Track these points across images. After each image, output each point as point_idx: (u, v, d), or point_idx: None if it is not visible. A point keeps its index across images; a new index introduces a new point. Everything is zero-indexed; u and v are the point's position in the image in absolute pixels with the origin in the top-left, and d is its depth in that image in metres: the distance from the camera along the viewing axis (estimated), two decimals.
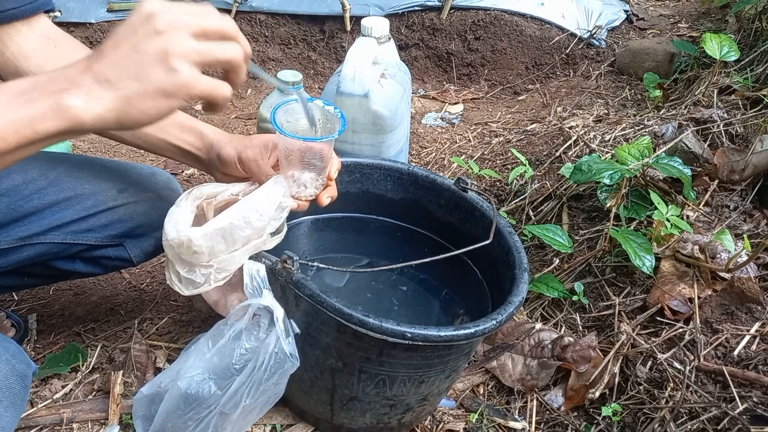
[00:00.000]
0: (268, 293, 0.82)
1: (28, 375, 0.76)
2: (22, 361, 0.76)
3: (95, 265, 1.04)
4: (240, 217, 0.80)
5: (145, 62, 0.58)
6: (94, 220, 0.98)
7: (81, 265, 1.03)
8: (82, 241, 0.99)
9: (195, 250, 0.79)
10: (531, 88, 2.25)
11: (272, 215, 0.82)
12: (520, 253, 0.93)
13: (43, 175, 0.96)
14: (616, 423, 0.99)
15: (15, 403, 0.74)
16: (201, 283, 0.82)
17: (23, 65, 0.87)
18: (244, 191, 0.87)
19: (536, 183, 1.53)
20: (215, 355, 0.85)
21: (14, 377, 0.74)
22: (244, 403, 0.83)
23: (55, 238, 0.96)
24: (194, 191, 0.85)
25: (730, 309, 1.05)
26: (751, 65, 1.67)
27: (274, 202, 0.82)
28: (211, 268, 0.82)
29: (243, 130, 2.03)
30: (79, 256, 1.01)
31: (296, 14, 2.41)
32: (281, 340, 0.81)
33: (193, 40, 0.60)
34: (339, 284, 1.08)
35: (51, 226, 0.96)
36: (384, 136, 1.42)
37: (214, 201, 0.88)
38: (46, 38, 0.89)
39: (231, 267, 0.83)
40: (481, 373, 1.13)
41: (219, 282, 0.84)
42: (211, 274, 0.82)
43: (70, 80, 0.58)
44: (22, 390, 0.75)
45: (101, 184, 0.99)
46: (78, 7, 2.67)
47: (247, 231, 0.81)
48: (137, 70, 0.58)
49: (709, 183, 1.30)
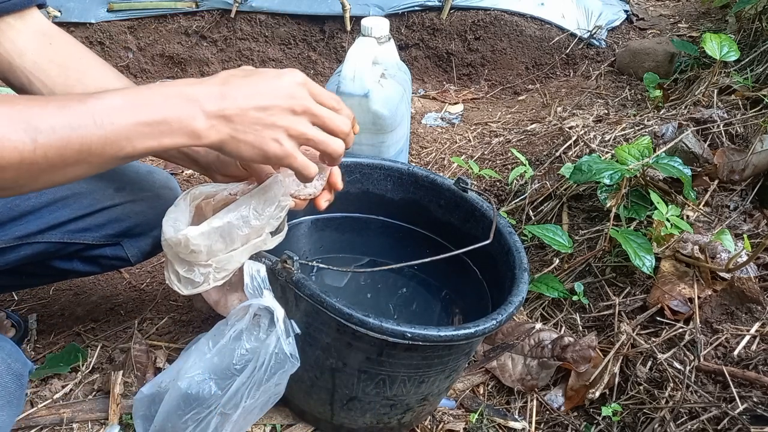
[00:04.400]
0: (268, 293, 0.82)
1: (24, 374, 0.76)
2: (17, 360, 0.76)
3: (93, 265, 1.04)
4: (238, 216, 0.81)
5: (268, 129, 0.69)
6: (91, 219, 0.98)
7: (79, 265, 1.03)
8: (80, 240, 0.99)
9: (193, 249, 0.79)
10: (531, 88, 2.25)
11: (271, 214, 0.82)
12: (520, 253, 0.93)
13: None
14: (616, 423, 0.99)
15: (11, 402, 0.74)
16: (200, 283, 0.82)
17: (17, 62, 0.85)
18: (243, 190, 0.87)
19: (536, 183, 1.53)
20: (216, 356, 0.85)
21: (9, 376, 0.74)
22: (244, 403, 0.83)
23: (53, 237, 0.96)
24: (192, 191, 0.86)
25: (730, 309, 1.05)
26: (751, 65, 1.67)
27: (273, 201, 0.82)
28: (210, 268, 0.82)
29: None
30: (76, 256, 1.01)
31: (296, 14, 2.41)
32: (282, 340, 0.81)
33: (313, 128, 0.72)
34: (339, 284, 1.08)
35: (48, 225, 0.95)
36: (384, 136, 1.42)
37: (212, 201, 0.88)
38: (41, 34, 0.87)
39: (230, 266, 0.83)
40: (481, 373, 1.13)
41: (218, 281, 0.84)
42: (210, 273, 0.82)
43: (200, 107, 0.66)
44: (18, 389, 0.75)
45: (98, 183, 0.99)
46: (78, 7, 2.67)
47: (246, 230, 0.81)
48: (259, 131, 0.69)
49: (709, 183, 1.30)
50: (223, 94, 0.67)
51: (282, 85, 0.70)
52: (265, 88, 0.69)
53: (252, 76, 0.70)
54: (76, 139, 0.62)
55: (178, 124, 0.65)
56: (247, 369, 0.82)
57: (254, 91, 0.69)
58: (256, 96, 0.69)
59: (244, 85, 0.69)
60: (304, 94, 0.71)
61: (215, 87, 0.68)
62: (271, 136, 0.69)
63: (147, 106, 0.65)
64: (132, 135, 0.64)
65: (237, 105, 0.68)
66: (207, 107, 0.66)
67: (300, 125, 0.70)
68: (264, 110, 0.69)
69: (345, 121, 0.74)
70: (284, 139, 0.70)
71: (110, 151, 0.64)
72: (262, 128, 0.69)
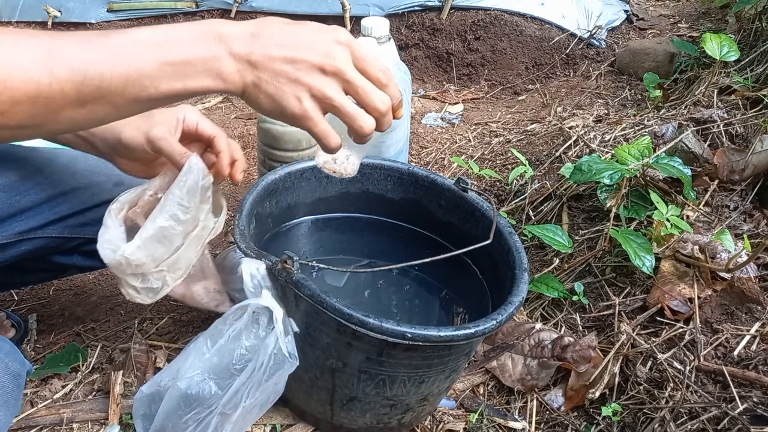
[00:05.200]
0: (267, 293, 0.82)
1: (22, 374, 0.76)
2: (15, 359, 0.75)
3: (94, 259, 1.03)
4: (166, 217, 0.79)
5: (291, 83, 0.63)
6: (91, 214, 0.98)
7: (80, 259, 1.03)
8: (80, 235, 0.99)
9: (136, 263, 0.79)
10: (531, 88, 2.25)
11: (198, 202, 0.80)
12: (520, 253, 0.93)
13: (39, 171, 0.95)
14: (616, 423, 0.99)
15: (8, 402, 0.73)
16: (159, 288, 0.82)
17: None
18: (160, 186, 0.85)
19: (536, 183, 1.53)
20: (215, 355, 0.84)
21: (7, 376, 0.73)
22: (244, 403, 0.83)
23: (53, 232, 0.96)
24: (112, 206, 0.84)
25: (730, 309, 1.05)
26: (751, 65, 1.67)
27: (195, 189, 0.79)
28: (164, 272, 0.81)
29: (243, 131, 2.03)
30: (77, 250, 1.01)
31: (296, 14, 2.41)
32: (280, 340, 0.81)
33: (341, 94, 0.65)
34: (339, 284, 1.08)
35: (49, 221, 0.95)
36: (384, 136, 1.42)
37: (137, 208, 0.86)
38: None
39: (182, 264, 0.82)
40: (481, 373, 1.13)
41: (177, 280, 0.83)
42: (165, 276, 0.81)
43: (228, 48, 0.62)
44: (16, 389, 0.74)
45: (97, 178, 0.99)
46: (78, 7, 2.67)
47: (179, 227, 0.79)
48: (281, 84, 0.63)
49: (709, 183, 1.30)
50: (254, 36, 0.63)
51: (320, 39, 0.64)
52: (301, 39, 0.64)
53: (292, 25, 0.65)
54: (95, 74, 0.58)
55: (203, 65, 0.61)
56: (246, 369, 0.82)
57: (288, 40, 0.64)
58: (288, 46, 0.63)
59: (278, 33, 0.64)
60: (343, 55, 0.64)
61: (248, 27, 0.63)
62: (294, 93, 0.63)
63: (172, 44, 0.61)
64: (155, 74, 0.60)
65: (265, 52, 0.63)
66: (235, 49, 0.62)
67: (326, 87, 0.64)
68: (292, 63, 0.63)
69: (383, 99, 0.67)
70: (306, 98, 0.64)
71: (132, 90, 0.60)
72: (285, 82, 0.63)
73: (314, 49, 0.63)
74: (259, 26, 0.64)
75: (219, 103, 2.23)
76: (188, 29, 0.62)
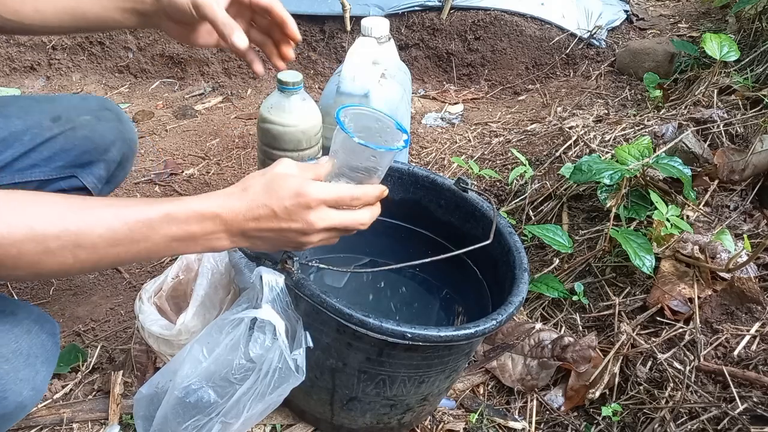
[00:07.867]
0: (267, 306, 0.81)
1: (57, 332, 0.79)
2: (47, 320, 0.78)
3: None
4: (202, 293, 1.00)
5: (285, 244, 0.76)
6: (36, 155, 0.96)
7: None
8: (31, 178, 0.97)
9: (192, 330, 0.97)
10: (531, 88, 2.25)
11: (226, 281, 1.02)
12: (520, 253, 0.93)
13: None
14: (616, 423, 0.99)
15: (49, 359, 0.76)
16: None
17: None
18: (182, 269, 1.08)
19: (536, 183, 1.53)
20: (212, 364, 0.84)
21: (45, 334, 0.76)
22: (246, 413, 0.82)
23: (3, 180, 0.94)
24: (142, 295, 1.04)
25: (730, 309, 1.05)
26: (751, 65, 1.67)
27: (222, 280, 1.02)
28: None
29: (243, 130, 2.03)
30: None
31: (296, 14, 2.40)
32: (286, 354, 0.80)
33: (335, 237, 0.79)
34: (339, 284, 1.08)
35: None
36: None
37: (162, 293, 1.05)
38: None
39: None
40: (481, 373, 1.13)
41: None
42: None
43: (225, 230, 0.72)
44: (54, 346, 0.78)
45: (33, 118, 0.97)
46: None
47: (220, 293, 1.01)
48: (276, 245, 0.76)
49: (709, 183, 1.30)
50: (244, 222, 0.72)
51: (302, 242, 0.75)
52: (283, 212, 0.72)
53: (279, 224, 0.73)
54: (113, 255, 0.66)
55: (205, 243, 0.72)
56: (248, 380, 0.81)
57: (275, 244, 0.75)
58: (276, 242, 0.75)
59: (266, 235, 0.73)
60: (321, 221, 0.73)
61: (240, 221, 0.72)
62: (290, 247, 0.78)
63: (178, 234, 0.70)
64: None
65: (258, 229, 0.73)
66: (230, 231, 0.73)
67: (317, 239, 0.76)
68: (282, 234, 0.74)
69: (362, 216, 0.78)
70: (305, 246, 0.77)
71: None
72: (282, 245, 0.77)
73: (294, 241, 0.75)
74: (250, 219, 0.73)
75: (219, 103, 2.23)
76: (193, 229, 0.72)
